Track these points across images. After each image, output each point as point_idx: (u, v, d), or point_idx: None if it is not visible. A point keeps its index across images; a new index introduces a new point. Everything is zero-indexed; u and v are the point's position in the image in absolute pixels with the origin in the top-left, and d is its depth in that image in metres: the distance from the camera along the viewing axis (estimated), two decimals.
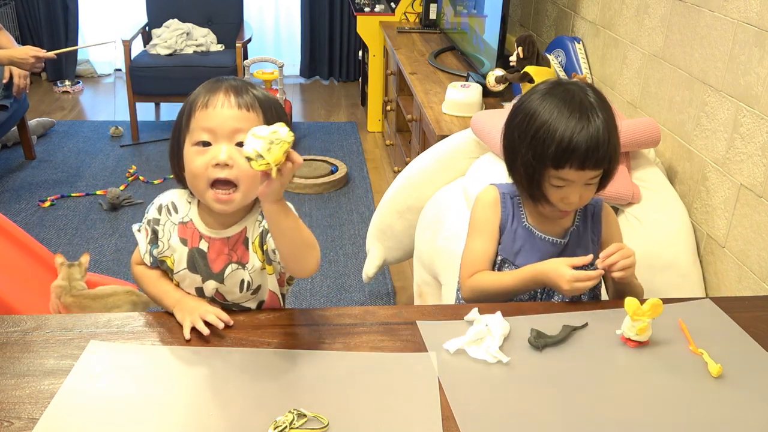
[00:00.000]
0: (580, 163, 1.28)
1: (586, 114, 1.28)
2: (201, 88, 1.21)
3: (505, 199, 1.45)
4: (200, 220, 1.26)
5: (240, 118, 1.16)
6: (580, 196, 1.34)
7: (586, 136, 1.27)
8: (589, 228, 1.45)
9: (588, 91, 1.32)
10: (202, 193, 1.19)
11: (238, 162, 1.14)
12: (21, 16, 5.28)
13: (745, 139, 1.77)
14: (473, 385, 1.10)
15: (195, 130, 1.18)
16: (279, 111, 1.22)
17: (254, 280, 1.26)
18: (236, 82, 1.21)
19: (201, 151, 1.17)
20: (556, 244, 1.42)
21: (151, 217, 1.29)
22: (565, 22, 2.98)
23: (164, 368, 1.12)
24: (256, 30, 5.13)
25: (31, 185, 3.61)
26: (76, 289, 1.78)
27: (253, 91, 1.20)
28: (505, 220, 1.44)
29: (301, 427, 0.99)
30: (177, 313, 1.23)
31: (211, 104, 1.17)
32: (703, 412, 1.07)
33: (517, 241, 1.42)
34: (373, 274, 2.51)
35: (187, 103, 1.21)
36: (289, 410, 1.00)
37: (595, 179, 1.33)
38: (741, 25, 1.78)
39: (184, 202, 1.29)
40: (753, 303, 1.45)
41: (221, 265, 1.25)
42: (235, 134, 1.16)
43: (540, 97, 1.33)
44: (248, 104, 1.18)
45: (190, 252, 1.25)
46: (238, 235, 1.25)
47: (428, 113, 2.69)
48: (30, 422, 0.99)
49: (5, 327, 1.20)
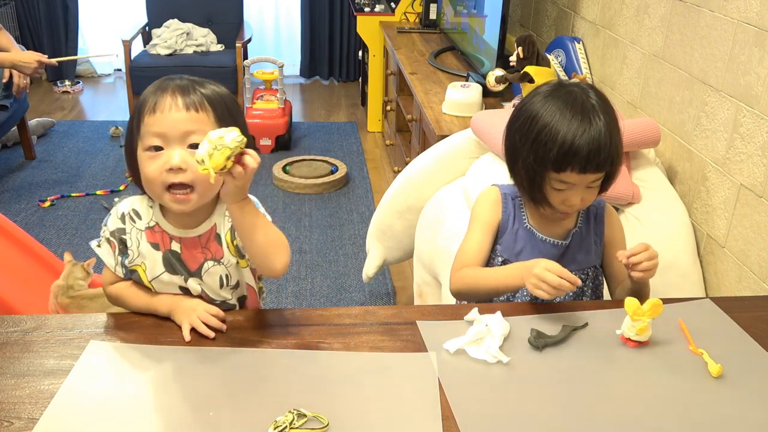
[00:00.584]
0: (581, 167, 1.28)
1: (588, 117, 1.27)
2: (148, 90, 1.19)
3: (506, 199, 1.44)
4: (167, 222, 1.25)
5: (189, 119, 1.15)
6: (582, 198, 1.33)
7: (587, 139, 1.26)
8: (592, 229, 1.45)
9: (590, 93, 1.32)
10: (159, 196, 1.19)
11: (192, 165, 1.13)
12: (21, 16, 5.28)
13: (745, 139, 1.77)
14: (473, 385, 1.10)
15: (146, 135, 1.16)
16: (231, 107, 1.21)
17: (232, 275, 1.26)
18: (183, 81, 1.19)
19: (154, 156, 1.16)
20: (557, 245, 1.42)
21: (114, 228, 1.26)
22: (565, 22, 2.98)
23: (164, 368, 1.12)
24: (256, 30, 5.13)
25: (31, 185, 3.61)
26: (74, 289, 1.78)
27: (201, 89, 1.18)
28: (505, 220, 1.43)
29: (301, 427, 0.99)
30: (175, 316, 1.22)
31: (159, 108, 1.15)
32: (703, 412, 1.07)
33: (518, 242, 1.42)
34: (373, 274, 2.51)
35: (137, 106, 1.19)
36: (289, 410, 1.00)
37: (597, 182, 1.33)
38: (741, 25, 1.78)
39: (146, 207, 1.26)
40: (753, 303, 1.45)
41: (197, 264, 1.25)
42: (187, 137, 1.15)
43: (542, 99, 1.32)
44: (197, 105, 1.16)
45: (164, 255, 1.24)
46: (209, 232, 1.25)
47: (428, 113, 2.69)
48: (30, 422, 0.99)
49: (5, 327, 1.20)
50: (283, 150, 4.17)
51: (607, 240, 1.45)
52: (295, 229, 3.25)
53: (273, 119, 4.08)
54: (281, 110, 4.12)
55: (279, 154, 4.12)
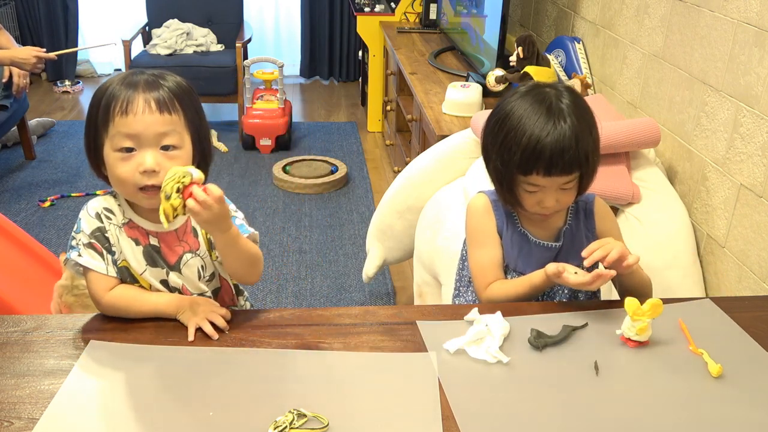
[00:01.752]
0: (546, 170, 1.27)
1: (554, 119, 1.26)
2: (115, 87, 1.16)
3: (496, 206, 1.43)
4: (141, 218, 1.25)
5: (163, 122, 1.15)
6: (557, 200, 1.32)
7: (550, 141, 1.25)
8: (582, 225, 1.43)
9: (564, 95, 1.30)
10: (131, 195, 1.20)
11: (165, 167, 1.15)
12: (21, 16, 5.28)
13: (745, 139, 1.77)
14: (473, 385, 1.10)
15: (116, 136, 1.15)
16: (198, 106, 1.22)
17: (207, 266, 1.29)
18: (150, 78, 1.17)
19: (126, 157, 1.16)
20: (550, 248, 1.41)
21: (92, 229, 1.22)
22: (565, 22, 2.98)
23: (164, 368, 1.12)
24: (256, 30, 5.13)
25: (31, 185, 3.61)
26: (78, 288, 1.78)
27: (167, 84, 1.18)
28: (500, 226, 1.42)
29: (301, 427, 0.99)
30: (181, 316, 1.22)
31: (131, 110, 1.14)
32: (702, 411, 1.07)
33: (514, 247, 1.41)
34: (373, 274, 2.51)
35: (102, 100, 1.16)
36: (289, 410, 1.00)
37: (570, 183, 1.31)
38: (741, 25, 1.78)
39: (115, 206, 1.25)
40: (753, 303, 1.45)
41: (176, 257, 1.26)
42: (160, 139, 1.16)
43: (514, 100, 1.32)
44: (169, 107, 1.16)
45: (145, 249, 1.24)
46: (184, 225, 1.27)
47: (428, 113, 2.69)
48: (30, 422, 0.99)
49: (5, 327, 1.20)
50: (283, 150, 4.18)
51: (600, 233, 1.42)
52: (295, 229, 3.25)
53: (273, 119, 4.08)
54: (281, 110, 4.12)
55: (279, 154, 4.13)
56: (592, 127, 1.31)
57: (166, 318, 1.23)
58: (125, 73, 1.21)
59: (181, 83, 1.21)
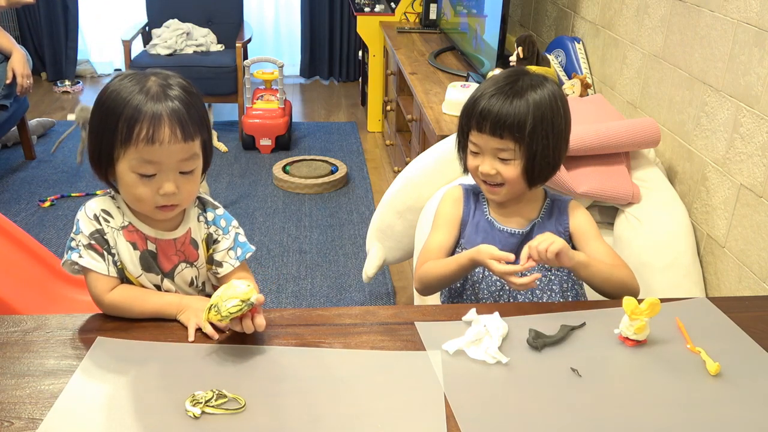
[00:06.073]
0: (477, 125, 1.36)
1: (514, 90, 1.34)
2: (136, 100, 1.13)
3: (468, 195, 1.51)
4: (142, 223, 1.26)
5: (185, 150, 1.17)
6: (496, 169, 1.37)
7: (488, 101, 1.34)
8: (554, 220, 1.47)
9: (535, 80, 1.37)
10: (148, 212, 1.23)
11: (183, 187, 1.19)
12: (21, 16, 5.28)
13: (745, 139, 1.77)
14: (473, 386, 1.10)
15: (136, 160, 1.15)
16: (202, 109, 1.21)
17: (200, 276, 1.31)
18: (176, 106, 1.15)
19: (146, 182, 1.17)
20: (515, 234, 1.45)
21: (90, 231, 1.22)
22: (565, 22, 2.98)
23: (164, 368, 1.12)
24: (256, 30, 5.13)
25: (31, 185, 3.61)
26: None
27: (190, 109, 1.17)
28: (466, 215, 1.49)
29: (218, 407, 1.01)
30: (181, 316, 1.22)
31: (157, 139, 1.13)
32: (701, 410, 1.07)
33: (479, 233, 1.47)
34: (373, 274, 2.50)
35: (120, 111, 1.13)
36: (210, 389, 1.03)
37: (506, 153, 1.36)
38: (741, 25, 1.78)
39: (114, 208, 1.25)
40: (753, 303, 1.45)
41: (171, 265, 1.28)
42: (181, 165, 1.18)
43: (492, 76, 1.43)
44: (192, 134, 1.17)
45: (142, 254, 1.25)
46: (184, 236, 1.29)
47: (428, 113, 2.69)
48: (30, 422, 0.99)
49: (5, 327, 1.20)
50: (283, 150, 4.18)
51: (573, 231, 1.46)
52: (295, 229, 3.26)
53: (273, 119, 4.09)
54: (281, 110, 4.12)
55: (279, 154, 4.13)
56: (554, 117, 1.35)
57: (167, 318, 1.23)
58: (135, 76, 1.17)
59: (191, 90, 1.20)
